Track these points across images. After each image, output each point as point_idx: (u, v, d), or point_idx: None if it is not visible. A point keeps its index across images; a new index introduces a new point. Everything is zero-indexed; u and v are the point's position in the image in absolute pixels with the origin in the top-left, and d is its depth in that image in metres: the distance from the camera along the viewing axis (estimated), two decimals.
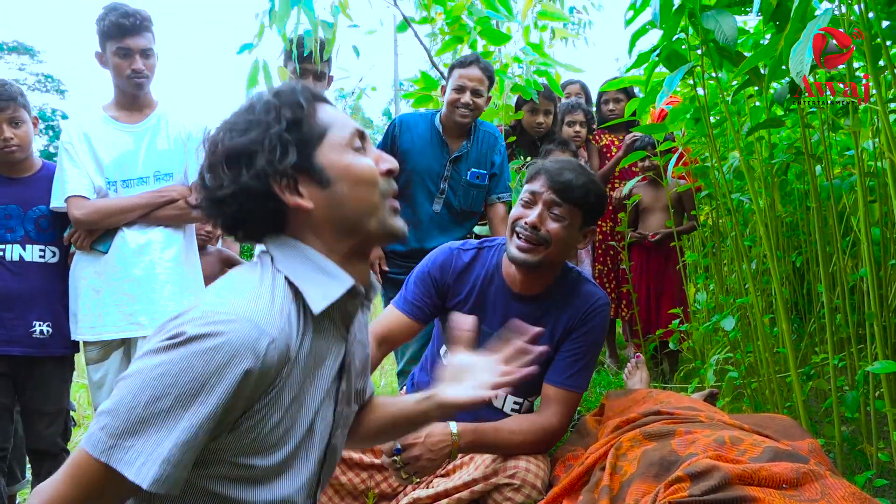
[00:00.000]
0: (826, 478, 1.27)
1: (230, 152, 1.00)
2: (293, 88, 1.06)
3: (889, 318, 1.98)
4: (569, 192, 1.71)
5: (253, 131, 1.01)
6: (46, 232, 2.27)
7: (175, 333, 0.89)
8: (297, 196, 1.02)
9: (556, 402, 1.81)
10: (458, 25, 2.94)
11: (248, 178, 0.99)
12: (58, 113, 25.80)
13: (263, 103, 1.03)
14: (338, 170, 1.03)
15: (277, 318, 0.94)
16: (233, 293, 0.95)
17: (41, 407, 2.26)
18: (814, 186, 1.92)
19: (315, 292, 1.01)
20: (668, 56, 1.87)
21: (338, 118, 1.08)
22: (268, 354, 0.90)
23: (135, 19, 2.21)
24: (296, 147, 1.01)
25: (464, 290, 1.91)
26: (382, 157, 1.12)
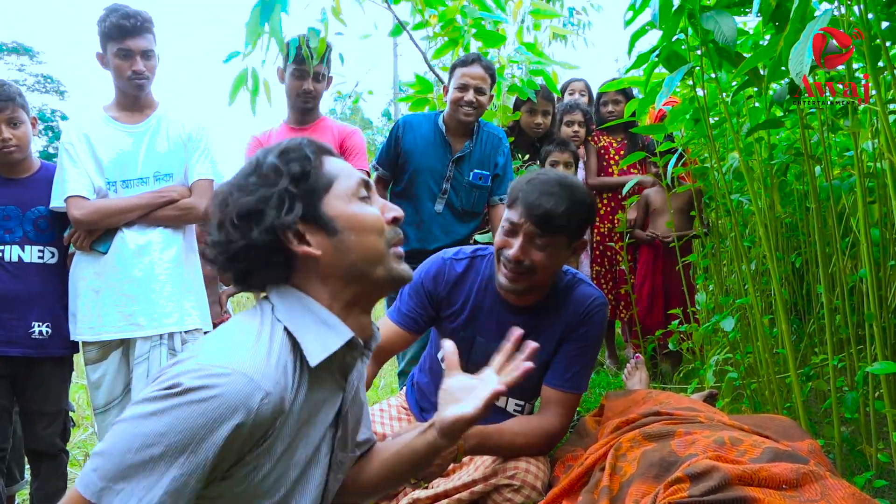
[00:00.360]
0: (826, 478, 1.27)
1: (240, 211, 1.04)
2: (300, 143, 1.10)
3: (888, 318, 1.98)
4: (549, 223, 1.64)
5: (260, 190, 1.05)
6: (45, 233, 2.27)
7: (172, 384, 0.90)
8: (304, 245, 1.05)
9: (556, 403, 1.80)
10: (452, 28, 2.93)
11: (257, 234, 1.03)
12: (57, 114, 25.76)
13: (269, 164, 1.06)
14: (344, 219, 1.07)
15: (273, 372, 0.96)
16: (231, 345, 0.97)
17: (40, 407, 2.26)
18: (813, 187, 1.92)
19: (313, 345, 1.04)
20: (667, 57, 1.87)
21: (343, 169, 1.12)
22: (261, 409, 0.92)
23: (136, 21, 2.21)
24: (302, 199, 1.05)
25: (458, 301, 1.88)
26: (388, 206, 1.16)
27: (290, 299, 1.07)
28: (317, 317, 1.06)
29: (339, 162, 1.13)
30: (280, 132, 2.70)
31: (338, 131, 2.69)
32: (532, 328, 1.80)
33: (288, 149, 1.09)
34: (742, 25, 2.09)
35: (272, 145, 1.12)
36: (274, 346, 1.00)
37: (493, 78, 2.74)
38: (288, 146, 1.10)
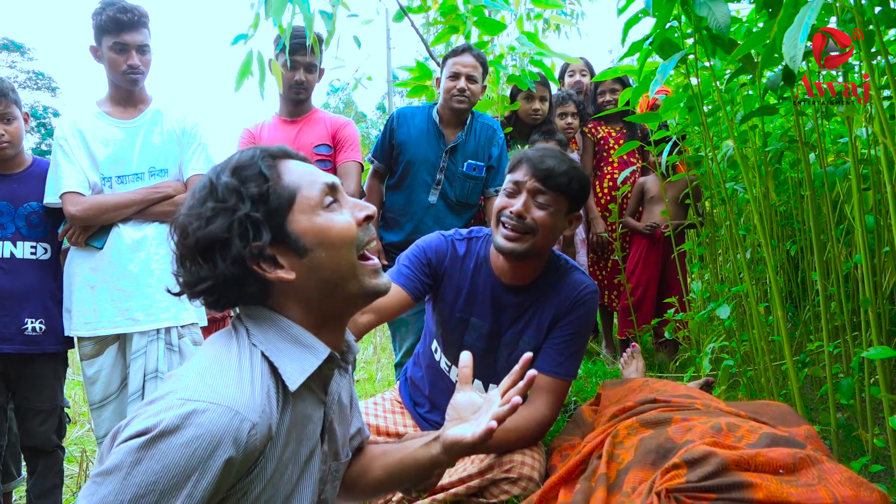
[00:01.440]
0: (823, 462, 1.28)
1: (202, 243, 0.99)
2: (252, 157, 1.04)
3: (883, 304, 1.99)
4: (552, 179, 1.70)
5: (220, 217, 0.98)
6: (38, 228, 2.26)
7: (151, 425, 0.86)
8: (277, 269, 1.01)
9: (546, 391, 1.80)
10: (454, 15, 2.92)
11: (225, 267, 0.98)
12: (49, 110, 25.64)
13: (224, 185, 1.00)
14: (312, 235, 1.02)
15: (258, 401, 0.93)
16: (211, 376, 0.94)
17: (35, 404, 2.25)
18: (808, 174, 1.92)
19: (291, 368, 1.01)
20: (661, 44, 1.86)
21: (304, 177, 1.06)
22: (249, 441, 0.90)
23: (132, 15, 2.21)
24: (266, 222, 1.00)
25: (456, 283, 1.90)
26: (358, 205, 1.11)
27: (263, 322, 1.04)
28: (292, 338, 1.03)
29: (297, 167, 1.07)
30: (272, 125, 2.69)
31: (330, 123, 2.68)
32: (524, 309, 1.84)
33: (241, 164, 1.02)
34: (735, 12, 2.08)
35: (223, 162, 1.05)
36: (255, 373, 0.97)
37: (484, 67, 2.75)
38: (240, 162, 1.03)
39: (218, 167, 1.04)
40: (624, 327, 3.55)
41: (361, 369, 4.29)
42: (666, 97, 2.27)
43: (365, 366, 4.45)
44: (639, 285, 3.48)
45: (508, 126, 3.33)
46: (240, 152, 1.06)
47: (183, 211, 1.03)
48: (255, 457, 0.93)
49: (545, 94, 3.32)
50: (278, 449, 0.98)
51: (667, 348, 3.44)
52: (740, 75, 1.97)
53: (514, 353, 1.85)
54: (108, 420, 2.22)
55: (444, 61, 2.77)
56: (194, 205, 1.01)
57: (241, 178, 1.01)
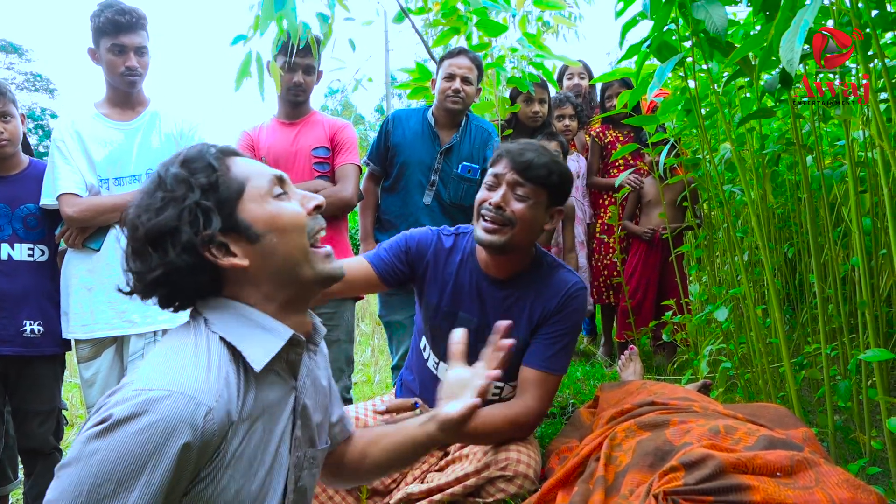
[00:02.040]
0: (820, 465, 1.28)
1: (152, 233, 0.99)
2: (200, 151, 1.05)
3: (881, 307, 1.99)
4: (531, 171, 1.71)
5: (169, 207, 0.99)
6: (35, 230, 2.26)
7: (105, 416, 0.87)
8: (230, 257, 1.02)
9: (534, 384, 1.79)
10: (456, 17, 2.92)
11: (176, 255, 0.99)
12: (47, 112, 25.66)
13: (172, 176, 1.01)
14: (263, 222, 1.04)
15: (215, 386, 0.93)
16: (167, 364, 0.94)
17: (33, 406, 2.25)
18: (805, 177, 1.92)
19: (254, 350, 1.02)
20: (658, 47, 1.87)
21: (253, 169, 1.08)
22: (206, 426, 0.90)
23: (131, 17, 2.21)
24: (217, 209, 1.01)
25: (442, 276, 1.90)
26: (306, 196, 1.12)
27: (222, 310, 1.05)
28: (253, 322, 1.04)
29: (246, 162, 1.10)
30: (270, 127, 2.69)
31: (329, 126, 2.68)
32: (511, 303, 1.83)
33: (189, 157, 1.04)
34: (732, 15, 2.09)
35: (171, 156, 1.07)
36: (212, 358, 0.97)
37: (479, 69, 2.76)
38: (188, 155, 1.05)
39: (166, 161, 1.06)
40: (622, 330, 3.55)
41: (359, 372, 4.29)
42: (664, 100, 2.28)
43: (363, 368, 4.44)
44: (638, 288, 3.48)
45: (509, 128, 3.33)
46: (188, 148, 1.07)
47: (132, 208, 1.03)
48: (216, 442, 0.93)
49: (544, 96, 3.32)
50: (241, 435, 0.98)
51: (665, 351, 3.44)
52: (738, 78, 1.97)
53: None
54: None
55: (439, 63, 2.79)
56: (143, 198, 1.02)
57: (189, 169, 1.02)
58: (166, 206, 0.99)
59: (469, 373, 1.30)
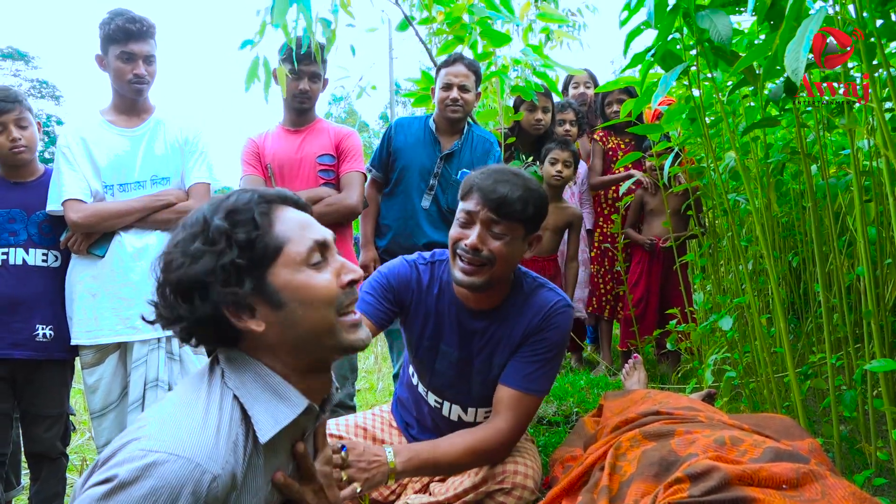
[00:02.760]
0: (826, 478, 1.27)
1: (184, 282, 0.97)
2: (248, 202, 1.01)
3: (886, 316, 1.98)
4: (505, 207, 1.60)
5: (205, 258, 0.97)
6: (49, 236, 2.27)
7: (109, 476, 0.86)
8: (248, 319, 1.00)
9: (508, 405, 1.69)
10: (459, 26, 2.94)
11: (200, 307, 0.97)
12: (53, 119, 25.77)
13: (216, 228, 0.98)
14: (291, 291, 1.00)
15: (223, 452, 0.92)
16: (175, 423, 0.93)
17: (41, 410, 2.25)
18: (810, 186, 1.92)
19: (264, 418, 1.00)
20: (663, 56, 1.87)
21: (296, 230, 1.03)
22: (210, 492, 0.89)
23: (141, 25, 2.24)
24: (249, 271, 0.98)
25: (423, 310, 1.82)
26: (345, 267, 1.08)
27: (241, 366, 1.02)
28: (268, 386, 1.02)
29: (293, 218, 1.05)
30: (276, 134, 2.70)
31: (334, 133, 2.69)
32: (491, 334, 1.76)
33: (236, 208, 1.00)
34: (737, 24, 2.09)
35: (219, 200, 1.03)
36: (223, 420, 0.95)
37: (477, 75, 2.78)
38: (236, 205, 1.01)
39: (214, 205, 1.02)
40: (626, 338, 3.54)
41: (362, 379, 4.28)
42: (668, 108, 2.28)
43: (366, 376, 4.44)
44: (642, 297, 3.48)
45: (511, 136, 3.34)
46: (238, 193, 1.04)
47: (171, 243, 1.01)
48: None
49: (548, 105, 3.33)
50: (244, 498, 0.97)
51: (669, 359, 3.43)
52: (742, 87, 1.98)
53: (487, 377, 1.78)
54: (109, 429, 2.21)
55: (437, 71, 2.81)
56: (184, 240, 1.00)
57: (232, 221, 0.99)
58: (202, 257, 0.97)
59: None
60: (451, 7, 2.90)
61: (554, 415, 2.66)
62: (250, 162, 2.65)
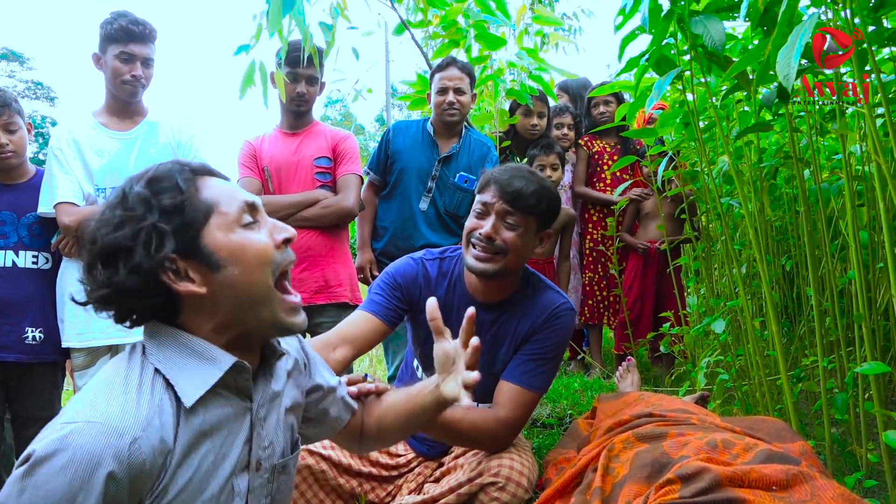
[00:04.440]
0: (816, 479, 1.28)
1: (105, 250, 0.97)
2: (170, 170, 1.02)
3: (878, 320, 2.00)
4: (520, 200, 1.69)
5: (126, 226, 0.97)
6: (39, 238, 2.26)
7: (28, 454, 0.86)
8: (187, 282, 0.99)
9: (508, 398, 1.74)
10: (455, 29, 2.95)
11: (125, 275, 0.96)
12: (47, 120, 25.71)
13: (135, 195, 0.98)
14: (226, 251, 1.00)
15: (143, 414, 0.91)
16: (93, 396, 0.92)
17: (33, 413, 2.25)
18: (802, 190, 1.94)
19: (187, 382, 0.98)
20: (657, 61, 1.88)
21: (224, 193, 1.04)
22: (132, 454, 0.87)
23: (143, 28, 2.25)
24: (175, 234, 0.97)
25: None
26: (277, 226, 1.08)
27: (163, 338, 1.01)
28: (193, 351, 1.01)
29: (219, 184, 1.05)
30: (273, 137, 2.71)
31: (331, 136, 2.70)
32: (499, 327, 1.82)
33: (157, 176, 1.00)
34: (731, 30, 2.11)
35: (141, 171, 1.03)
36: (144, 389, 0.95)
37: (471, 77, 2.80)
38: (157, 173, 1.01)
39: (134, 177, 1.02)
40: (620, 341, 3.55)
41: None
42: (662, 113, 2.29)
43: None
44: (636, 300, 3.48)
45: (507, 140, 3.35)
46: (158, 164, 1.05)
47: (93, 219, 1.01)
48: (152, 472, 0.91)
49: (543, 109, 3.35)
50: (186, 461, 0.96)
51: (663, 362, 3.44)
52: (735, 92, 1.99)
53: (491, 371, 1.81)
54: None
55: (431, 76, 2.83)
56: (105, 212, 1.00)
57: (154, 189, 0.99)
58: (123, 225, 0.97)
59: (455, 347, 1.31)
60: (447, 10, 2.92)
61: (548, 417, 2.67)
62: (247, 165, 2.65)
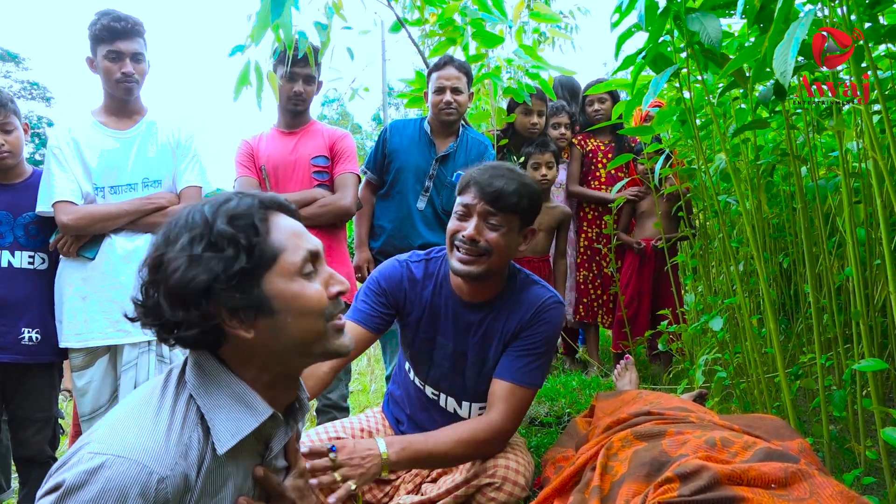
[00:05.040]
0: (814, 477, 1.28)
1: (184, 286, 0.94)
2: (249, 208, 1.00)
3: (875, 317, 2.00)
4: (502, 200, 1.67)
5: (212, 264, 0.94)
6: (36, 238, 2.26)
7: (58, 483, 0.87)
8: (238, 325, 0.98)
9: (502, 398, 1.72)
10: (452, 27, 2.94)
11: (195, 314, 0.95)
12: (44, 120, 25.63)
13: (221, 232, 0.96)
14: (284, 300, 1.00)
15: (172, 453, 0.91)
16: (124, 427, 0.92)
17: (29, 414, 2.24)
18: (799, 187, 1.94)
19: (223, 427, 0.98)
20: (653, 58, 1.88)
21: (291, 239, 1.03)
22: (158, 493, 0.88)
23: (126, 23, 2.22)
24: (247, 277, 0.97)
25: (416, 306, 1.86)
26: (333, 278, 1.08)
27: (206, 371, 1.01)
28: (233, 393, 1.01)
29: (288, 226, 1.04)
30: (270, 136, 2.70)
31: (328, 135, 2.69)
32: (486, 326, 1.81)
33: (238, 214, 0.98)
34: (727, 27, 2.11)
35: (217, 202, 1.01)
36: (175, 422, 0.95)
37: (468, 76, 2.79)
38: (237, 210, 0.99)
39: (213, 208, 0.99)
40: (618, 340, 3.55)
41: (355, 381, 4.28)
42: (659, 110, 2.29)
43: (359, 377, 4.43)
44: (633, 298, 3.48)
45: (504, 138, 3.34)
46: (238, 197, 1.02)
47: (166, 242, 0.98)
48: None
49: (542, 108, 3.34)
50: (205, 500, 0.97)
51: (661, 360, 3.44)
52: (732, 89, 1.99)
53: (482, 370, 1.82)
54: None
55: (428, 75, 2.82)
56: (185, 243, 0.96)
57: (236, 226, 0.97)
58: (209, 262, 0.94)
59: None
60: (444, 8, 2.91)
61: (546, 415, 2.67)
62: (244, 164, 2.64)
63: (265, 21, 1.94)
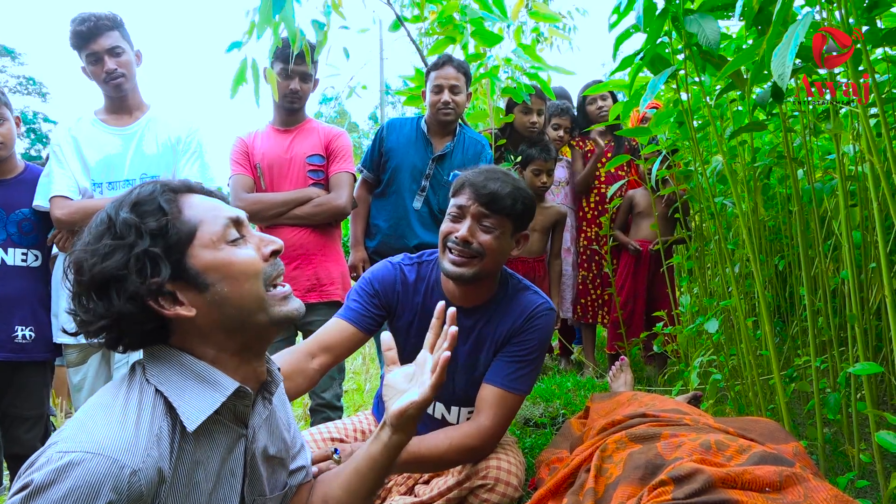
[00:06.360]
0: (809, 480, 1.28)
1: (98, 279, 0.95)
2: (152, 192, 1.00)
3: (870, 320, 2.00)
4: (496, 202, 1.67)
5: (117, 253, 0.95)
6: (29, 235, 2.25)
7: (26, 483, 0.85)
8: (176, 306, 0.98)
9: (490, 404, 1.71)
10: (452, 26, 2.93)
11: (121, 304, 0.95)
12: (39, 116, 25.58)
13: (122, 221, 0.97)
14: (213, 270, 0.99)
15: (143, 445, 0.90)
16: (92, 423, 0.91)
17: (22, 411, 2.24)
18: (796, 190, 1.94)
19: (189, 407, 0.97)
20: (651, 59, 1.88)
21: (207, 211, 1.03)
22: (132, 487, 0.87)
23: (91, 22, 2.19)
24: (165, 257, 0.96)
25: (408, 309, 1.84)
26: (264, 239, 1.07)
27: (164, 360, 1.00)
28: (195, 374, 1.00)
29: (201, 201, 1.04)
30: (265, 134, 2.69)
31: (324, 133, 2.68)
32: (478, 332, 1.79)
33: (140, 200, 0.99)
34: (725, 29, 2.10)
35: (122, 196, 1.02)
36: (143, 415, 0.93)
37: (467, 76, 2.78)
38: (139, 196, 1.00)
39: (117, 201, 1.01)
40: (613, 341, 3.55)
41: (350, 380, 4.28)
42: (656, 112, 2.29)
43: (353, 377, 4.43)
44: (628, 300, 3.48)
45: (503, 138, 3.34)
46: (140, 186, 1.03)
47: (78, 246, 0.99)
48: (148, 500, 0.90)
49: (542, 107, 3.34)
50: (179, 489, 0.95)
51: (655, 362, 3.44)
52: (730, 91, 1.99)
53: (472, 375, 1.80)
54: None
55: (427, 74, 2.81)
56: (91, 240, 0.98)
57: (139, 212, 0.98)
58: (113, 252, 0.95)
59: (412, 367, 1.25)
60: (443, 6, 2.91)
61: (540, 416, 2.67)
62: (239, 161, 2.63)
63: (267, 15, 1.93)
